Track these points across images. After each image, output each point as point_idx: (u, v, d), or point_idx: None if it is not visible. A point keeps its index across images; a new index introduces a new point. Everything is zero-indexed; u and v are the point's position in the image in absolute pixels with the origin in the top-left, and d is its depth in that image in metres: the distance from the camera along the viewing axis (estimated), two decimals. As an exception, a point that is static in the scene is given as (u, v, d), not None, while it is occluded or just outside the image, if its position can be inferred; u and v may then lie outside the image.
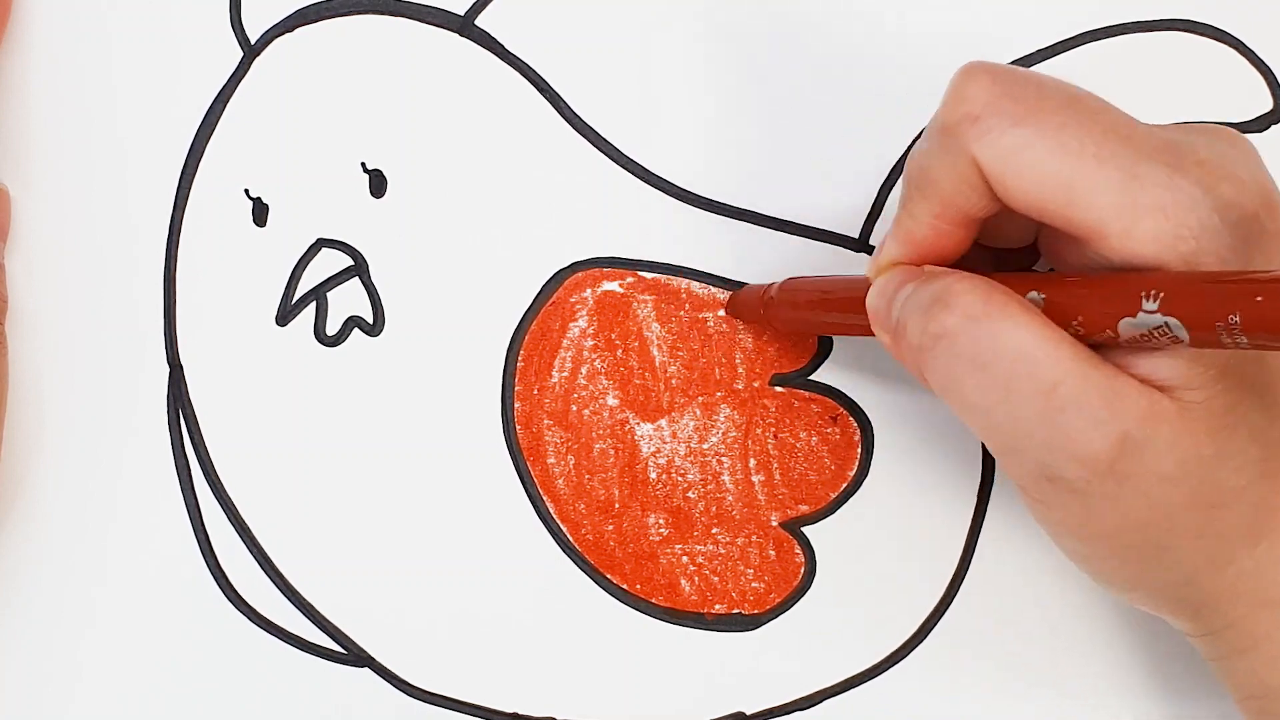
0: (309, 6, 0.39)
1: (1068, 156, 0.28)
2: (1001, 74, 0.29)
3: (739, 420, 0.39)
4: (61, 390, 0.39)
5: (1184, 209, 0.27)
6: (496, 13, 0.39)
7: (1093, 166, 0.28)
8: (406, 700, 0.39)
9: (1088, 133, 0.28)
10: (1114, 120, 0.28)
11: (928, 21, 0.39)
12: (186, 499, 0.39)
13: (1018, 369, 0.28)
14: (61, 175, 0.39)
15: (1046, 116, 0.28)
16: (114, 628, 0.39)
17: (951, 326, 0.29)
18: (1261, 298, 0.24)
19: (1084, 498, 0.29)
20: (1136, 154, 0.28)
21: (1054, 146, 0.28)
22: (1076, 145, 0.28)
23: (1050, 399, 0.28)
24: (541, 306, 0.39)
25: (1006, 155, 0.28)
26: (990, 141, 0.28)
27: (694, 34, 0.39)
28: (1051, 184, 0.28)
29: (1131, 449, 0.28)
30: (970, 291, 0.29)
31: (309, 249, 0.39)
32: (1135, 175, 0.28)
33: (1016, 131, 0.28)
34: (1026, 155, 0.28)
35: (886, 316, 0.31)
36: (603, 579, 0.39)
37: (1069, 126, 0.28)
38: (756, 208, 0.39)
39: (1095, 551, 0.31)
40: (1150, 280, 0.27)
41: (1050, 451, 0.28)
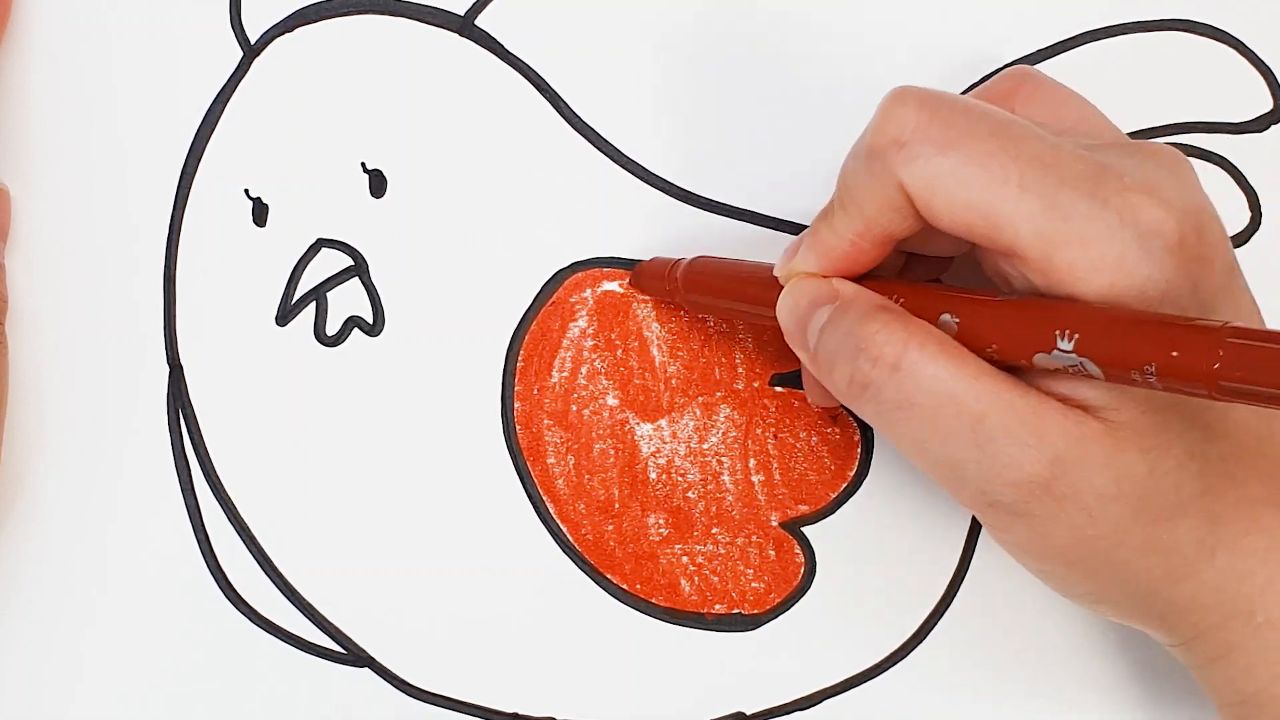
0: (309, 6, 0.39)
1: (991, 185, 0.28)
2: (930, 99, 0.29)
3: (739, 420, 0.39)
4: (61, 390, 0.39)
5: (1102, 240, 0.27)
6: (496, 13, 0.39)
7: (1015, 194, 0.28)
8: (406, 700, 0.39)
9: (1012, 160, 0.28)
10: (1040, 148, 0.28)
11: (928, 22, 0.39)
12: (186, 499, 0.39)
13: (943, 407, 0.29)
14: (61, 175, 0.39)
15: (973, 144, 0.28)
16: (114, 628, 0.39)
17: (875, 377, 0.29)
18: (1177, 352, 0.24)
19: (1027, 519, 0.29)
20: (1059, 183, 0.28)
21: (978, 174, 0.28)
22: (1000, 173, 0.28)
23: (978, 431, 0.28)
24: (541, 306, 0.39)
25: (932, 181, 0.29)
26: (917, 168, 0.29)
27: (694, 34, 0.39)
28: (975, 211, 0.28)
29: (1065, 469, 0.28)
30: (888, 341, 0.29)
31: (309, 249, 0.39)
32: (1056, 205, 0.28)
33: (942, 159, 0.28)
34: (951, 182, 0.28)
35: (800, 338, 0.32)
36: (603, 579, 0.39)
37: (994, 155, 0.28)
38: (756, 208, 0.39)
39: (1053, 569, 0.31)
40: (1066, 318, 0.27)
41: (987, 480, 0.29)
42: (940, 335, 0.29)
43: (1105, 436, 0.28)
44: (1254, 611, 0.30)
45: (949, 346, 0.29)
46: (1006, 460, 0.28)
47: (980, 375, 0.28)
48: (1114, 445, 0.28)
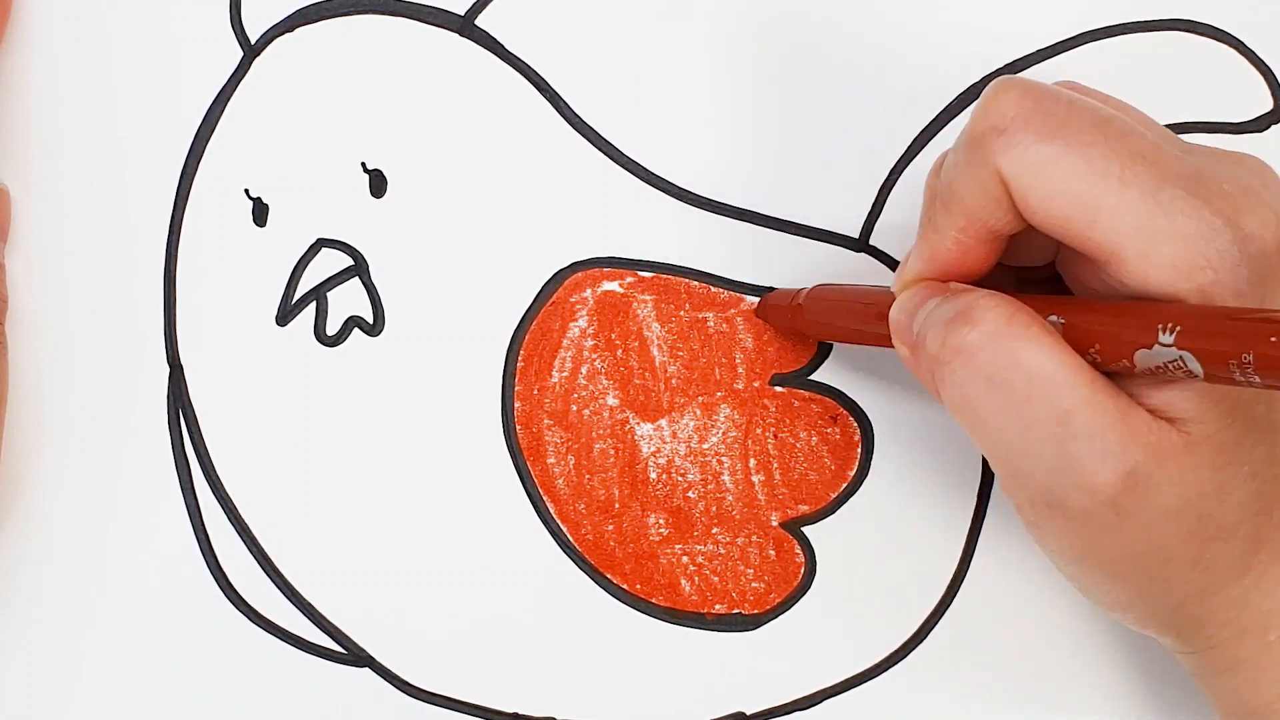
0: (309, 6, 0.39)
1: (1092, 176, 0.28)
2: (1033, 89, 0.29)
3: (739, 420, 0.39)
4: (61, 390, 0.39)
5: (1204, 239, 0.27)
6: (496, 13, 0.39)
7: (1116, 188, 0.27)
8: (406, 700, 0.39)
9: (1114, 154, 0.28)
10: (1142, 144, 0.28)
11: (928, 22, 0.39)
12: (186, 499, 0.39)
13: (1034, 391, 0.28)
14: (61, 175, 0.39)
15: (1074, 134, 0.28)
16: (114, 628, 0.39)
17: (972, 341, 0.29)
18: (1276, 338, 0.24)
19: (1083, 527, 0.29)
20: (1161, 179, 0.28)
21: (1079, 164, 0.28)
22: (1102, 165, 0.28)
23: (1064, 425, 0.28)
24: (541, 306, 0.39)
25: (1032, 170, 0.28)
26: (1016, 156, 0.28)
27: (694, 34, 0.39)
28: (1074, 202, 0.28)
29: (1137, 484, 0.28)
30: (994, 309, 0.29)
31: (309, 249, 0.39)
32: (1158, 201, 0.27)
33: (1042, 147, 0.28)
34: (1051, 171, 0.28)
35: (908, 330, 0.31)
36: (603, 579, 0.39)
37: (1096, 146, 0.28)
38: (756, 208, 0.39)
39: (1089, 575, 0.31)
40: (1167, 313, 0.27)
41: (1056, 478, 0.28)
42: (1047, 325, 0.29)
43: (1183, 452, 0.28)
44: (1268, 628, 0.30)
45: (1054, 336, 0.28)
46: (1083, 463, 0.28)
47: (1079, 369, 0.28)
48: (1190, 461, 0.28)
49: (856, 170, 0.39)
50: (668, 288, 0.39)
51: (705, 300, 0.39)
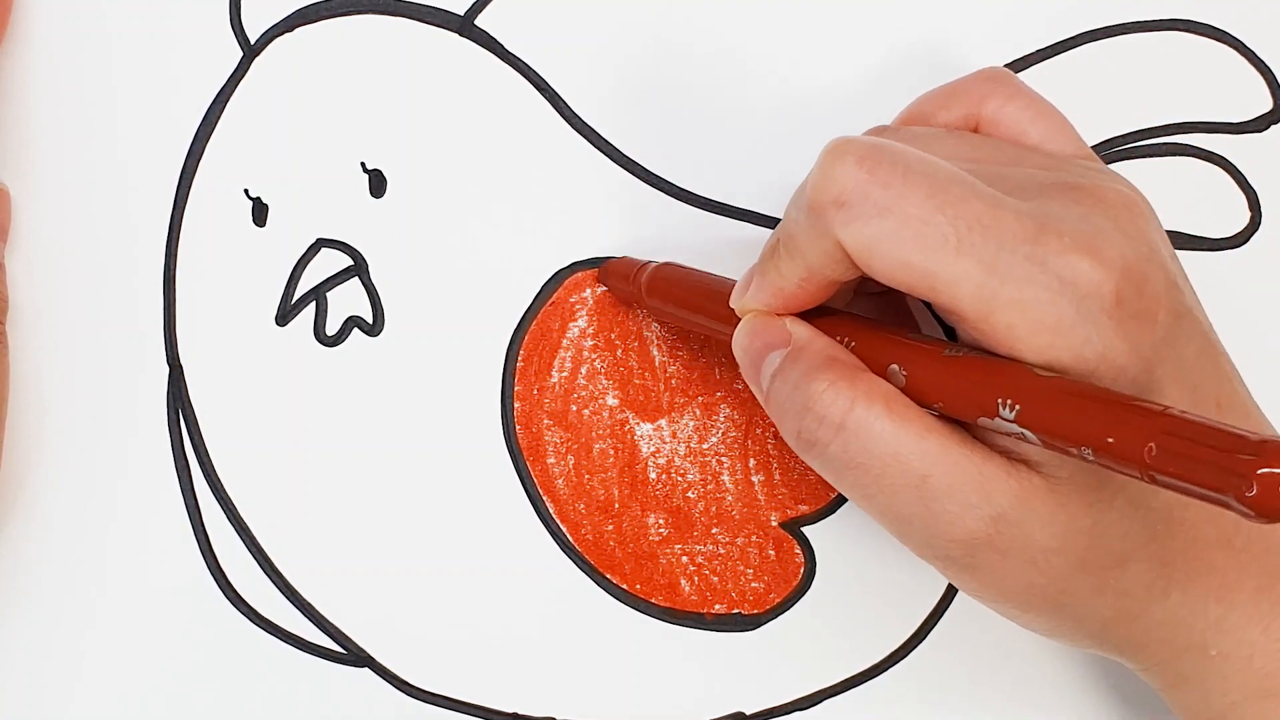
0: (309, 6, 0.39)
1: (928, 248, 0.28)
2: (870, 155, 0.29)
3: (739, 420, 0.39)
4: (62, 390, 0.39)
5: (1040, 304, 0.28)
6: (496, 13, 0.39)
7: (952, 259, 0.28)
8: (406, 700, 0.39)
9: (950, 224, 0.28)
10: (979, 208, 0.28)
11: (929, 21, 0.39)
12: (186, 499, 0.39)
13: (888, 466, 0.29)
14: (61, 175, 0.39)
15: (910, 206, 0.28)
16: (114, 627, 0.39)
17: (821, 436, 0.30)
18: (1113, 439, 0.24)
19: (974, 571, 0.30)
20: (998, 246, 0.28)
21: (915, 238, 0.28)
22: (938, 238, 0.28)
23: (922, 490, 0.29)
24: (541, 306, 0.39)
25: (869, 242, 0.29)
26: (855, 229, 0.29)
27: (694, 34, 0.39)
28: (913, 272, 0.28)
29: (1008, 526, 0.29)
30: (835, 400, 0.29)
31: (309, 249, 0.39)
32: (994, 269, 0.28)
33: (879, 222, 0.28)
34: (888, 244, 0.28)
35: (754, 378, 0.32)
36: (603, 579, 0.39)
37: (932, 217, 0.28)
38: (756, 208, 0.39)
39: (1007, 610, 0.31)
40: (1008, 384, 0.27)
41: (932, 536, 0.29)
42: (887, 391, 0.29)
43: (1048, 493, 0.29)
44: (1207, 645, 0.31)
45: (895, 404, 0.29)
46: (950, 519, 0.29)
47: (925, 434, 0.29)
48: (1056, 502, 0.29)
49: (856, 170, 0.39)
50: (668, 288, 0.39)
51: (705, 300, 0.39)
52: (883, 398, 0.29)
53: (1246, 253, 0.39)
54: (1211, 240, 0.39)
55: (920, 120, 0.35)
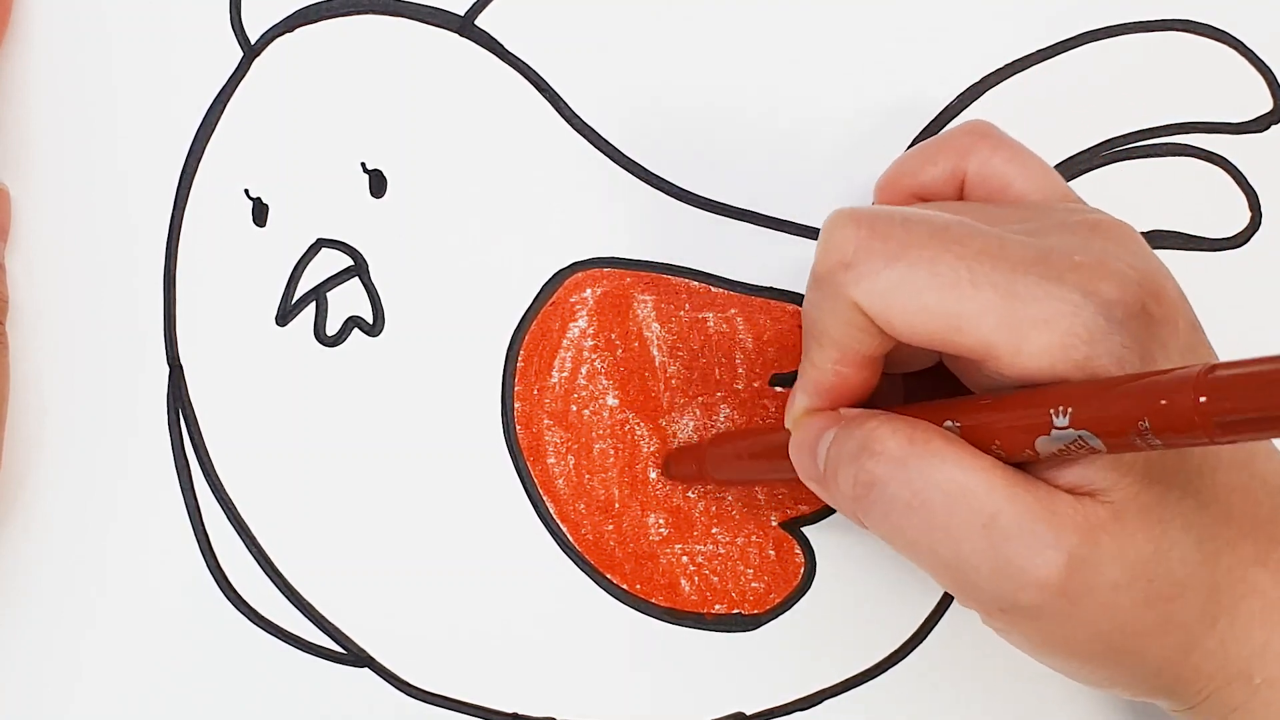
0: (309, 6, 0.39)
1: (943, 288, 0.28)
2: (867, 217, 0.29)
3: (739, 420, 0.39)
4: (62, 390, 0.39)
5: (1067, 317, 0.27)
6: (496, 13, 0.39)
7: (969, 293, 0.28)
8: (406, 700, 0.39)
9: (959, 259, 0.28)
10: (984, 243, 0.28)
11: (928, 21, 0.39)
12: (186, 499, 0.39)
13: (954, 505, 0.28)
14: (61, 175, 0.39)
15: (915, 251, 0.28)
16: (114, 627, 0.39)
17: (881, 474, 0.29)
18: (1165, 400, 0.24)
19: (1040, 621, 0.29)
20: (1011, 271, 0.28)
21: (927, 279, 0.28)
22: (950, 274, 0.28)
23: (991, 530, 0.28)
24: (541, 306, 0.39)
25: (884, 295, 0.29)
26: (866, 286, 0.29)
27: (694, 33, 0.39)
28: (934, 316, 0.28)
29: (1079, 567, 0.28)
30: (892, 435, 0.29)
31: (309, 249, 0.39)
32: (1013, 293, 0.28)
33: (889, 272, 0.28)
34: (903, 292, 0.28)
35: (812, 467, 0.32)
36: (603, 579, 0.39)
37: (940, 257, 0.28)
38: (756, 208, 0.39)
39: (1065, 664, 0.31)
40: (1057, 395, 0.27)
41: (1000, 582, 0.29)
42: (948, 435, 0.29)
43: (1113, 523, 0.28)
44: (1252, 673, 0.30)
45: (955, 443, 0.29)
46: (1021, 561, 0.28)
47: (990, 470, 0.28)
48: (1122, 531, 0.28)
49: (856, 171, 0.39)
50: (668, 288, 0.39)
51: (705, 300, 0.39)
52: (941, 435, 0.29)
53: (1246, 253, 0.39)
54: (1211, 240, 0.39)
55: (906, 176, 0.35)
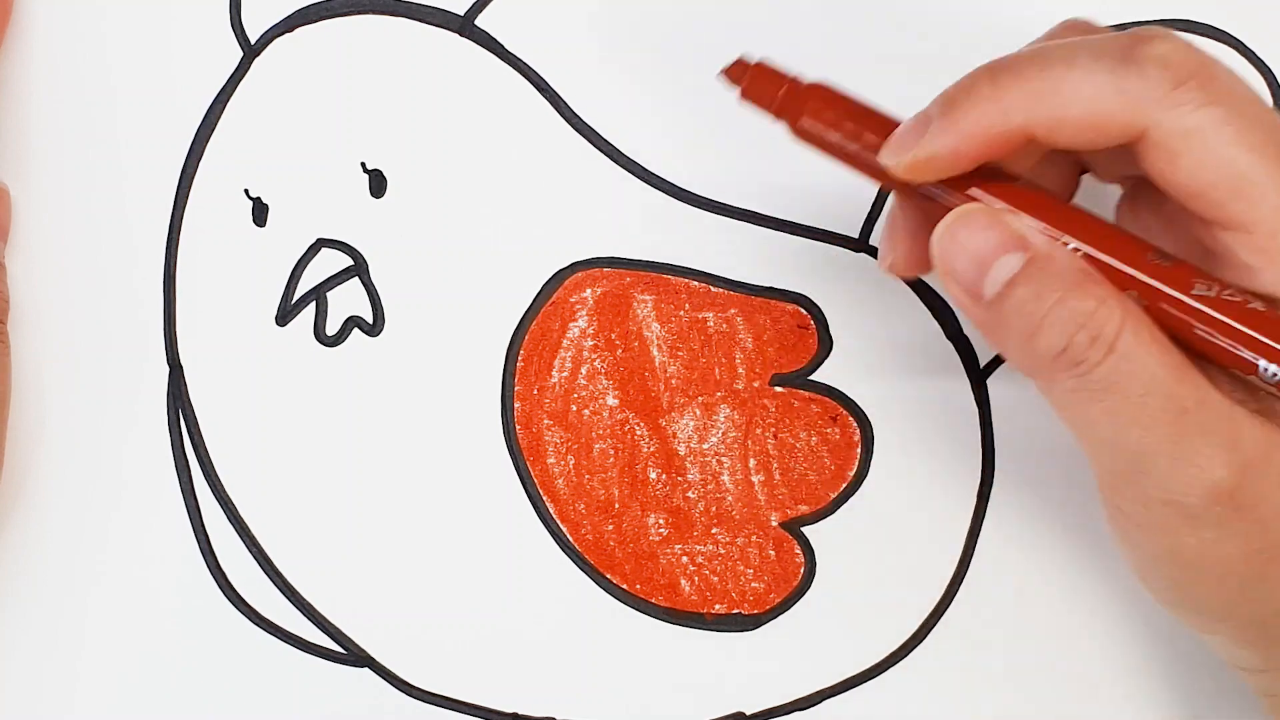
0: (309, 6, 0.39)
1: (1248, 150, 0.28)
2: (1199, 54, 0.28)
3: (739, 420, 0.39)
4: (62, 390, 0.39)
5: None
6: (496, 13, 0.39)
7: (1267, 166, 0.27)
8: (406, 700, 0.39)
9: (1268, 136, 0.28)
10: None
11: (928, 21, 0.39)
12: (186, 499, 0.39)
13: (1151, 395, 0.28)
14: (61, 175, 0.39)
15: (1237, 109, 0.28)
16: (114, 628, 0.39)
17: (1090, 357, 0.28)
18: None
19: (1199, 525, 0.29)
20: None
21: (1237, 135, 0.28)
22: (1259, 142, 0.28)
23: (1178, 424, 0.28)
24: (541, 306, 0.39)
25: (1192, 131, 0.28)
26: (1182, 114, 0.28)
27: (694, 33, 0.39)
28: (1223, 170, 0.28)
29: (1252, 478, 0.28)
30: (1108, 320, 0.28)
31: (309, 249, 0.39)
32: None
33: (1211, 110, 0.28)
34: (1211, 137, 0.28)
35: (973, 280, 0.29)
36: (603, 579, 0.39)
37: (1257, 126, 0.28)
38: (756, 208, 0.39)
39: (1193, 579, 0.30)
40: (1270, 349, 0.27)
41: (1174, 476, 0.28)
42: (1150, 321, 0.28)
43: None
44: None
45: (1159, 334, 0.28)
46: (1200, 459, 0.28)
47: (1187, 368, 0.28)
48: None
49: (856, 170, 0.39)
50: (668, 288, 0.39)
51: (705, 300, 0.39)
52: (1149, 325, 0.28)
53: (1246, 253, 0.39)
54: (1211, 240, 0.39)
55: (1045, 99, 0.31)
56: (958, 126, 0.29)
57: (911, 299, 0.39)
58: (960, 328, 0.39)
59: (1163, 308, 0.29)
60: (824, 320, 0.39)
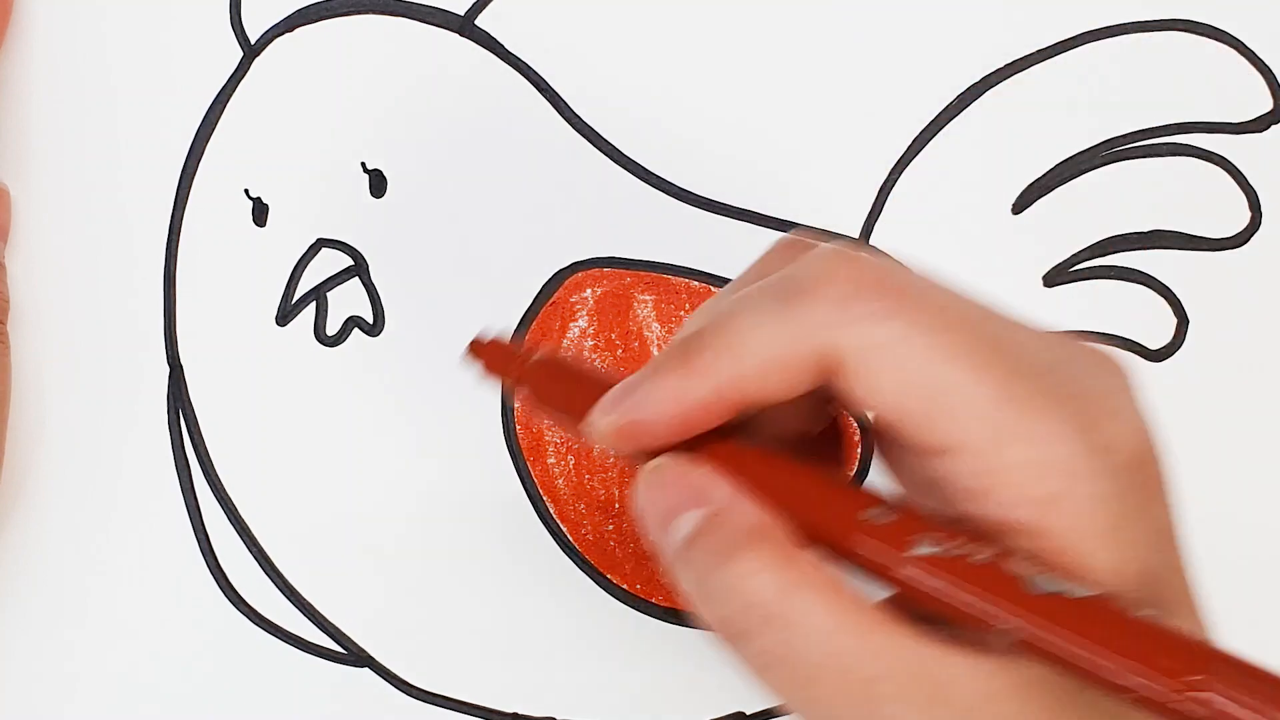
0: (309, 6, 0.39)
1: (942, 362, 0.24)
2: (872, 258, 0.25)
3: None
4: (62, 390, 0.39)
5: (1056, 441, 0.24)
6: (496, 13, 0.39)
7: (967, 377, 0.24)
8: (406, 700, 0.39)
9: (964, 340, 0.24)
10: (998, 329, 0.25)
11: (928, 21, 0.39)
12: (186, 499, 0.39)
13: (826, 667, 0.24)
14: (61, 175, 0.39)
15: (923, 316, 0.25)
16: (114, 628, 0.39)
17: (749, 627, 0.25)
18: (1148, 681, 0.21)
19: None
20: (1013, 373, 0.24)
21: (928, 347, 0.24)
22: (951, 350, 0.24)
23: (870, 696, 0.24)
24: (541, 306, 0.39)
25: (870, 349, 0.24)
26: (854, 329, 0.25)
27: (694, 33, 0.39)
28: (919, 390, 0.24)
29: None
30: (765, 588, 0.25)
31: (309, 249, 0.39)
32: (1011, 396, 0.24)
33: (889, 324, 0.24)
34: (898, 352, 0.24)
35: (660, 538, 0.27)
36: (603, 579, 0.39)
37: (950, 330, 0.25)
38: (756, 208, 0.39)
39: None
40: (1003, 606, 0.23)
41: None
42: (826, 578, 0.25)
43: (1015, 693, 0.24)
44: None
45: (836, 595, 0.24)
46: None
47: (872, 630, 0.24)
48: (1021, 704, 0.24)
49: (856, 170, 0.39)
50: (668, 288, 0.39)
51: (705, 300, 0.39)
52: (821, 584, 0.24)
53: (1246, 253, 0.39)
54: (1211, 240, 0.39)
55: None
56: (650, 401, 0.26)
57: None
58: (960, 328, 0.39)
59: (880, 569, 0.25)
60: (824, 320, 0.39)
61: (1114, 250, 0.39)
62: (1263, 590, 0.39)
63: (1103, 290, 0.39)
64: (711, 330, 0.26)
